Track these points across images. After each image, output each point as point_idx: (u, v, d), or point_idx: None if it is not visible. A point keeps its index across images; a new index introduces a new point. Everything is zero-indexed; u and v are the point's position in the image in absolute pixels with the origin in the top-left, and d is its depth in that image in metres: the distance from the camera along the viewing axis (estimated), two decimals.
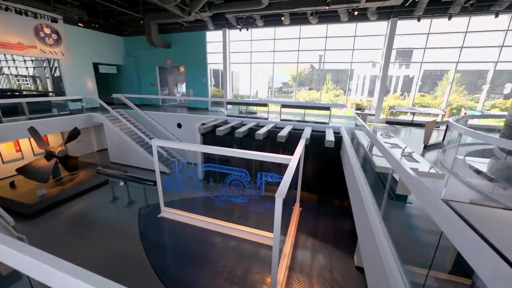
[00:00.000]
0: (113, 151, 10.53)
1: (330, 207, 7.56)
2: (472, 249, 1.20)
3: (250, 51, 12.08)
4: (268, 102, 9.24)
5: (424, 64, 10.47)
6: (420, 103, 11.36)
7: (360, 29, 10.61)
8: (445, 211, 1.47)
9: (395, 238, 2.40)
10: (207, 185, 6.80)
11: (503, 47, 9.09)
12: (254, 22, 10.56)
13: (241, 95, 14.23)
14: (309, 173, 7.71)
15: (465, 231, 1.27)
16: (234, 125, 8.56)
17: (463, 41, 9.54)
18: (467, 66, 10.60)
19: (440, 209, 1.51)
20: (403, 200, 3.15)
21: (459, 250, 1.31)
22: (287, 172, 3.88)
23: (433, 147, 6.23)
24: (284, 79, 16.30)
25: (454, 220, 1.38)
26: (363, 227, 3.38)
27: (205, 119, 9.45)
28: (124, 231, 6.00)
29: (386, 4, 8.60)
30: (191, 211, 6.47)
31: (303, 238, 6.02)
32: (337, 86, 13.91)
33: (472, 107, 10.84)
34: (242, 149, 8.42)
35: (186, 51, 12.72)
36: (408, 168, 1.87)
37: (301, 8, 9.21)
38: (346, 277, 4.84)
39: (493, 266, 1.02)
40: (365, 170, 4.04)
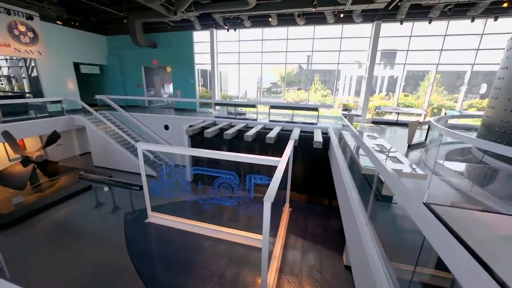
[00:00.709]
0: (96, 155, 10.13)
1: (319, 207, 7.65)
2: (449, 252, 1.23)
3: (238, 51, 12.00)
4: (257, 103, 9.21)
5: (407, 65, 10.84)
6: (404, 103, 11.75)
7: (346, 31, 10.82)
8: (425, 215, 1.50)
9: (381, 237, 2.45)
10: (196, 188, 6.69)
11: (479, 50, 9.57)
12: (242, 22, 10.50)
13: (230, 95, 14.13)
14: (298, 174, 7.76)
15: (444, 235, 1.30)
16: (223, 126, 8.46)
17: (443, 44, 9.96)
18: (447, 68, 11.07)
19: (421, 213, 1.54)
20: (388, 201, 3.21)
21: (438, 253, 1.34)
22: (275, 175, 3.87)
23: (417, 147, 6.45)
24: (273, 79, 16.36)
25: (434, 224, 1.41)
26: (350, 227, 3.43)
27: (193, 120, 9.29)
28: (108, 238, 5.77)
29: (371, 7, 8.80)
30: (180, 215, 6.33)
31: (293, 239, 6.04)
32: (325, 86, 14.13)
33: (452, 107, 11.34)
34: (231, 151, 8.41)
35: (172, 51, 12.45)
36: (392, 171, 1.90)
37: (288, 10, 9.25)
38: (335, 277, 4.90)
39: (469, 270, 1.05)
40: (352, 171, 4.11)
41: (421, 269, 2.07)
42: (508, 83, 4.14)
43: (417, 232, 1.67)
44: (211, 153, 5.08)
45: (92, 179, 6.84)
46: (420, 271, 2.03)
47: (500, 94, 4.34)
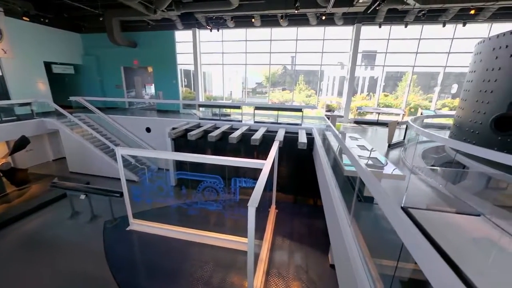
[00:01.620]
0: (72, 160, 9.54)
1: (305, 207, 7.74)
2: (423, 256, 1.25)
3: (221, 52, 11.86)
4: (241, 104, 9.14)
5: (386, 66, 11.28)
6: (384, 103, 12.22)
7: (329, 33, 11.05)
8: (402, 220, 1.53)
9: (364, 236, 2.49)
10: (180, 193, 6.49)
11: (450, 53, 10.17)
12: (225, 23, 10.38)
13: (215, 96, 13.93)
14: (284, 175, 7.79)
15: (419, 240, 1.32)
16: (207, 128, 8.30)
17: (418, 47, 10.48)
18: (422, 69, 11.66)
19: (398, 218, 1.57)
20: (370, 202, 3.29)
21: (413, 256, 1.37)
22: (260, 179, 3.83)
23: (396, 146, 6.71)
24: (258, 80, 16.35)
25: (410, 230, 1.43)
26: (333, 228, 3.47)
27: (176, 122, 9.03)
28: (86, 249, 5.44)
29: (351, 10, 9.04)
30: (163, 221, 6.11)
31: (280, 241, 6.05)
32: (309, 87, 14.36)
33: (427, 107, 11.96)
34: (216, 153, 8.29)
35: (154, 51, 12.05)
36: (373, 176, 1.93)
37: (271, 11, 9.27)
38: (321, 277, 4.96)
39: (441, 276, 1.07)
40: (335, 172, 4.17)
41: (403, 265, 2.13)
42: (476, 86, 4.41)
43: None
44: (194, 157, 4.95)
45: (66, 187, 6.42)
46: (402, 266, 2.09)
47: (469, 96, 4.61)
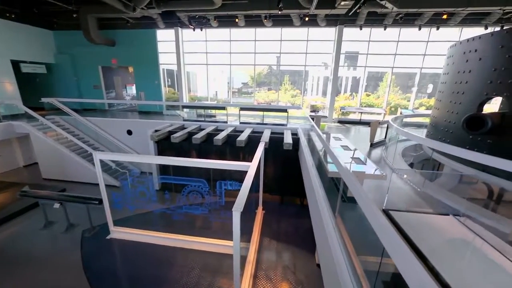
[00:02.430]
0: (46, 166, 8.93)
1: (292, 207, 7.78)
2: (402, 259, 1.27)
3: (205, 51, 11.65)
4: (226, 105, 9.02)
5: (368, 67, 11.65)
6: (366, 103, 12.62)
7: (312, 34, 11.21)
8: (382, 224, 1.54)
9: (349, 234, 2.51)
10: (163, 198, 6.28)
11: (426, 55, 10.69)
12: (208, 22, 10.19)
13: (200, 97, 13.68)
14: (270, 175, 7.79)
15: (397, 242, 1.34)
16: (191, 130, 8.11)
17: (396, 49, 10.91)
18: (400, 70, 12.18)
19: (378, 221, 1.59)
20: (354, 202, 3.35)
21: (393, 259, 1.38)
22: (245, 183, 3.78)
23: (378, 145, 6.93)
24: (244, 80, 16.27)
25: (389, 232, 1.45)
26: (318, 229, 3.50)
27: (159, 124, 8.73)
28: (62, 261, 5.09)
29: (333, 12, 9.22)
30: (146, 228, 5.88)
31: (267, 242, 6.03)
32: (294, 87, 14.52)
33: (406, 106, 12.51)
34: (200, 155, 8.12)
35: (134, 50, 11.58)
36: (356, 180, 1.94)
37: (255, 11, 9.23)
38: (308, 277, 5.00)
39: (420, 280, 1.08)
40: (320, 172, 4.21)
41: (387, 260, 2.18)
42: (450, 87, 4.64)
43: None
44: (177, 161, 4.79)
45: (38, 195, 5.98)
46: (386, 262, 2.13)
47: (444, 97, 4.85)
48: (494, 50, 3.68)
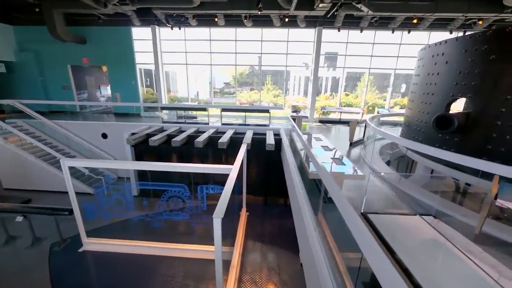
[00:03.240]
0: (7, 175, 8.13)
1: (276, 207, 7.80)
2: (377, 262, 1.27)
3: (185, 51, 11.32)
4: (207, 106, 8.83)
5: (346, 68, 12.02)
6: (346, 102, 13.04)
7: (293, 35, 11.33)
8: (359, 228, 1.55)
9: (331, 232, 2.53)
10: (141, 205, 5.98)
11: (399, 57, 11.26)
12: (187, 21, 9.90)
13: (180, 97, 13.28)
14: (253, 177, 7.75)
15: (373, 247, 1.34)
16: (171, 132, 7.82)
17: (372, 51, 11.37)
18: (377, 71, 12.72)
19: (356, 225, 1.59)
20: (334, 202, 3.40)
21: (368, 261, 1.39)
22: (226, 187, 3.68)
23: (357, 144, 7.16)
24: (226, 80, 16.07)
25: (366, 236, 1.46)
26: (300, 230, 3.51)
27: (136, 127, 8.32)
28: (27, 279, 4.65)
29: (312, 13, 9.37)
30: (124, 237, 5.55)
31: (251, 244, 5.97)
32: (277, 87, 14.61)
33: (382, 105, 13.09)
34: (181, 159, 7.86)
35: (107, 49, 10.92)
36: (335, 184, 1.93)
37: (234, 11, 9.11)
38: (292, 277, 5.02)
39: (392, 282, 1.08)
40: (302, 173, 4.24)
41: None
42: (421, 88, 4.89)
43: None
44: (154, 166, 4.57)
45: None
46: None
47: (415, 97, 5.10)
48: (459, 54, 3.92)
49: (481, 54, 3.60)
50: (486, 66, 3.55)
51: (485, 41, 3.57)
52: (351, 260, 2.26)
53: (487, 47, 3.54)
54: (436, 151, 3.53)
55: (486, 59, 3.54)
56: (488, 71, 3.53)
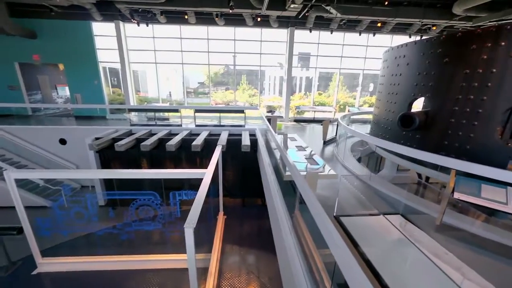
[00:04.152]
0: None
1: (254, 208, 7.74)
2: (348, 268, 1.26)
3: (154, 49, 10.71)
4: (179, 108, 8.44)
5: (318, 68, 12.40)
6: (319, 101, 13.45)
7: (267, 35, 11.36)
8: (330, 231, 1.52)
9: (309, 230, 2.51)
10: (107, 216, 5.49)
11: (366, 58, 11.90)
12: (155, 17, 9.35)
13: (150, 98, 12.56)
14: (230, 179, 7.60)
15: (342, 249, 1.32)
16: (140, 136, 7.33)
17: (342, 52, 11.87)
18: (347, 71, 13.33)
19: (327, 230, 1.57)
20: None
21: (338, 263, 1.37)
22: (199, 194, 3.50)
23: (330, 142, 7.38)
24: (201, 79, 15.59)
25: (337, 240, 1.44)
26: (275, 228, 3.49)
27: (101, 131, 7.64)
28: None
29: (284, 14, 9.47)
30: (88, 253, 5.04)
31: (230, 248, 5.83)
32: (252, 86, 14.56)
33: (352, 104, 13.76)
34: (152, 164, 7.40)
35: (63, 45, 9.88)
36: (309, 189, 1.89)
37: (205, 8, 8.82)
38: (272, 278, 4.99)
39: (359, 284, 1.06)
40: (277, 174, 4.21)
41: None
42: (386, 88, 5.17)
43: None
44: (117, 173, 4.20)
45: None
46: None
47: (382, 97, 5.37)
48: (418, 57, 4.19)
49: (436, 57, 3.89)
50: (440, 68, 3.84)
51: (439, 45, 3.86)
52: (328, 256, 2.26)
53: (441, 51, 3.83)
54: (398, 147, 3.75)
55: (441, 62, 3.82)
56: (442, 73, 3.82)
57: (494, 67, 3.26)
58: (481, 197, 2.38)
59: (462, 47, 3.56)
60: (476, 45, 3.39)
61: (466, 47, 3.50)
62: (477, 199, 2.38)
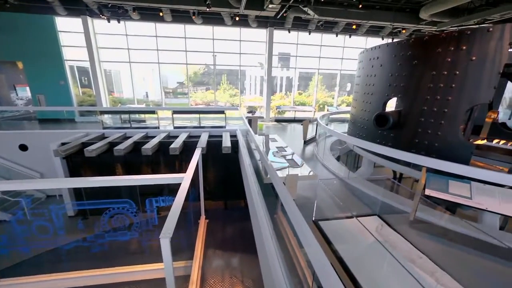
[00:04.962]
0: None
1: (237, 210, 7.63)
2: (324, 274, 1.23)
3: (127, 47, 10.14)
4: (156, 109, 8.07)
5: (298, 68, 12.58)
6: (299, 101, 13.66)
7: (247, 35, 11.27)
8: (307, 236, 1.50)
9: (290, 230, 2.47)
10: (76, 229, 5.07)
11: (343, 59, 12.30)
12: (127, 13, 8.83)
13: (126, 99, 11.91)
14: (212, 181, 7.42)
15: (318, 253, 1.30)
16: (114, 140, 6.88)
17: (320, 52, 12.15)
18: (325, 71, 13.69)
19: (304, 234, 1.54)
20: None
21: (313, 266, 1.35)
22: (176, 201, 3.32)
23: (310, 142, 7.50)
24: (180, 79, 15.08)
25: (312, 242, 1.42)
26: (256, 230, 3.43)
27: (68, 135, 7.05)
28: None
29: (263, 14, 9.45)
30: (53, 270, 4.60)
31: (212, 253, 5.68)
32: (233, 86, 14.40)
33: (331, 103, 14.16)
34: (128, 169, 6.99)
35: (21, 41, 8.98)
36: (289, 195, 1.85)
37: (181, 6, 8.52)
38: (255, 281, 4.93)
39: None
40: (257, 175, 4.16)
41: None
42: (362, 89, 5.34)
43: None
44: (87, 181, 3.88)
45: None
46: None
47: (358, 97, 5.55)
48: (390, 58, 4.37)
49: (406, 59, 4.08)
50: (410, 70, 4.03)
51: (409, 47, 4.05)
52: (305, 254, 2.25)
53: (410, 53, 4.02)
54: (372, 145, 3.89)
55: (411, 64, 4.01)
56: (412, 74, 4.02)
57: (457, 69, 3.48)
58: (449, 193, 2.50)
59: (429, 50, 3.76)
60: (441, 48, 3.60)
61: (432, 50, 3.70)
62: (446, 194, 2.50)
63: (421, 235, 2.34)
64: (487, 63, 3.25)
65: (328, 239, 1.61)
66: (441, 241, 2.07)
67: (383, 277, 1.36)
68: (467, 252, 2.01)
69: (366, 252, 1.58)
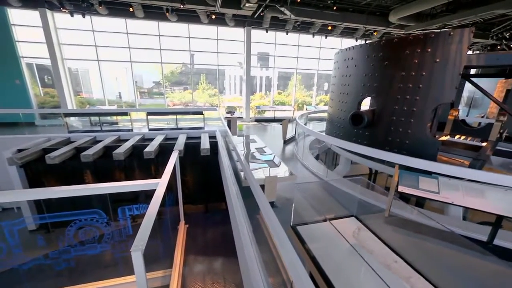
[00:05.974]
0: None
1: (218, 213, 7.43)
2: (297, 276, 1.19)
3: (94, 44, 9.44)
4: (128, 111, 7.60)
5: (277, 68, 12.66)
6: (278, 100, 13.77)
7: (225, 34, 11.06)
8: (283, 242, 1.45)
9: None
10: (35, 245, 4.56)
11: (320, 59, 12.60)
12: (92, 7, 8.20)
13: (95, 100, 11.09)
14: (190, 185, 7.14)
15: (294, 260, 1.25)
16: (81, 144, 6.32)
17: (298, 52, 12.33)
18: (303, 71, 13.93)
19: (279, 236, 1.49)
20: (272, 207, 3.35)
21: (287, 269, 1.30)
22: (150, 210, 3.10)
23: (290, 141, 7.55)
24: (156, 78, 14.38)
25: (286, 246, 1.37)
26: (236, 233, 3.35)
27: (26, 140, 6.31)
28: None
29: (240, 13, 9.33)
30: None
31: (193, 260, 5.44)
32: (212, 86, 14.09)
33: (309, 102, 14.47)
34: (98, 176, 6.47)
35: None
36: (266, 201, 1.78)
37: (153, 2, 8.10)
38: (238, 286, 4.83)
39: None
40: (237, 177, 4.06)
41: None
42: (338, 89, 5.46)
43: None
44: (46, 192, 3.48)
45: None
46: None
47: (334, 97, 5.68)
48: (364, 59, 4.51)
49: (378, 60, 4.23)
50: (382, 70, 4.19)
51: (380, 49, 4.21)
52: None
53: (382, 54, 4.18)
54: (348, 144, 3.99)
55: (382, 64, 4.17)
56: (384, 75, 4.18)
57: (424, 70, 3.68)
58: (419, 189, 2.61)
59: (398, 51, 3.93)
60: (409, 50, 3.78)
61: (401, 51, 3.88)
62: (417, 190, 2.61)
63: (396, 231, 2.41)
64: (449, 65, 3.47)
65: (306, 245, 1.58)
66: (413, 235, 2.15)
67: (358, 283, 1.35)
68: (437, 244, 2.10)
69: (343, 259, 1.57)
